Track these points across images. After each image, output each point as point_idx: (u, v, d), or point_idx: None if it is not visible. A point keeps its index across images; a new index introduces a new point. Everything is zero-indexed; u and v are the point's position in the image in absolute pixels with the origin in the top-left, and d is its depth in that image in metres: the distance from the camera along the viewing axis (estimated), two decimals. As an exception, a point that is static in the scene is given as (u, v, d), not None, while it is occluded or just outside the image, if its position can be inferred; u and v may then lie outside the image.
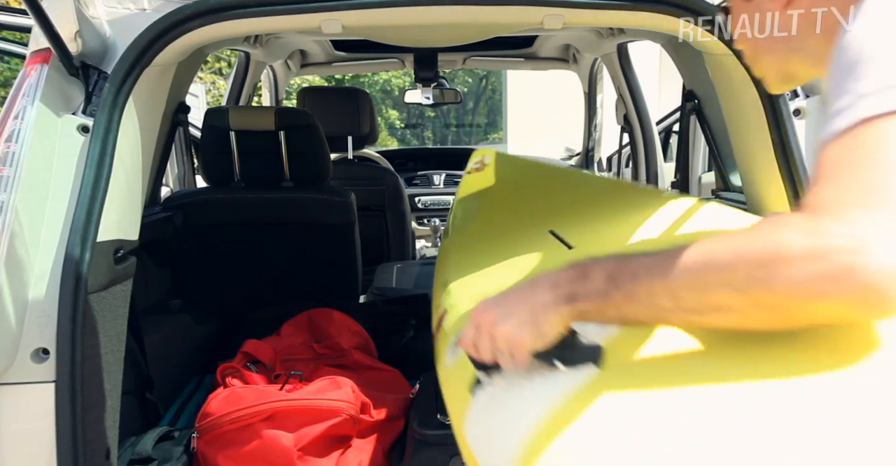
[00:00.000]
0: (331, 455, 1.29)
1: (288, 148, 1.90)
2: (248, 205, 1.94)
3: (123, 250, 1.18)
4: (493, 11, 1.26)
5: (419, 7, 1.22)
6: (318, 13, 1.18)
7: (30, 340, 1.03)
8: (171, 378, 1.68)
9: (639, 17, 1.23)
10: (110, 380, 1.12)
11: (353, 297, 2.10)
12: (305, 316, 1.72)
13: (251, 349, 1.50)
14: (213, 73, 9.33)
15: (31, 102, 1.09)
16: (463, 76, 16.12)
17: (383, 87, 15.80)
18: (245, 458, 1.24)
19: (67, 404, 1.03)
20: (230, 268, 2.01)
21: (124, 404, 1.18)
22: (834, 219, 0.51)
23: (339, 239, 2.00)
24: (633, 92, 2.32)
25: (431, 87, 3.15)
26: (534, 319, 0.65)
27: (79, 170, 1.09)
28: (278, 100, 3.13)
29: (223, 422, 1.25)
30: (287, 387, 1.33)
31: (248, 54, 2.64)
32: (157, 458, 1.28)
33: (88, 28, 1.11)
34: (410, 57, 2.98)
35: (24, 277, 1.03)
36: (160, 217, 1.81)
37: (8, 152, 1.05)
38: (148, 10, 1.16)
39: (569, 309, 0.64)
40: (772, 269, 0.51)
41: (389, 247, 2.86)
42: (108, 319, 1.12)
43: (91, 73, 1.15)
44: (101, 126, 1.11)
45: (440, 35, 1.81)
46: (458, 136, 16.61)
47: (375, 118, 2.80)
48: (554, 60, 3.12)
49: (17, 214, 1.02)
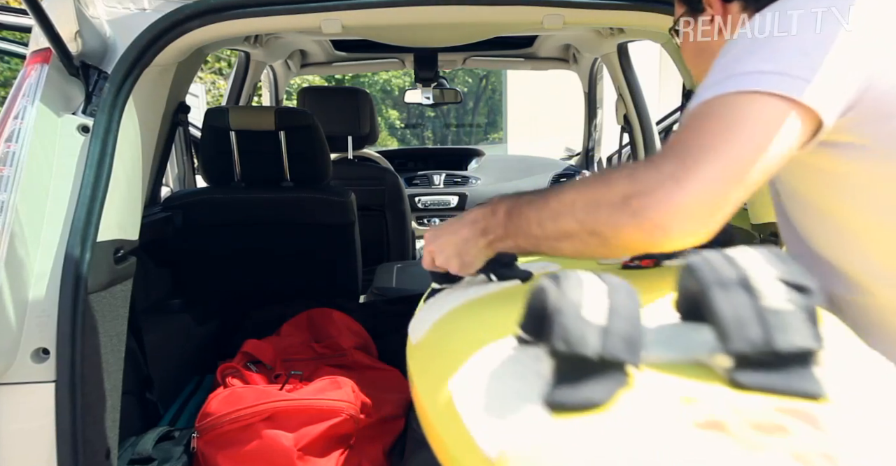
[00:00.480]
0: (331, 455, 1.29)
1: (288, 148, 1.90)
2: (248, 205, 1.94)
3: (123, 250, 1.18)
4: (493, 11, 1.26)
5: (419, 7, 1.22)
6: (318, 13, 1.18)
7: (30, 340, 1.03)
8: (171, 378, 1.68)
9: (639, 16, 1.23)
10: (110, 380, 1.12)
11: (353, 297, 2.10)
12: (305, 316, 1.72)
13: (251, 349, 1.50)
14: (213, 73, 9.33)
15: (31, 102, 1.09)
16: (463, 76, 16.11)
17: (383, 87, 15.80)
18: (245, 458, 1.24)
19: (67, 404, 1.03)
20: (230, 268, 2.01)
21: (124, 404, 1.18)
22: (650, 168, 0.66)
23: (339, 239, 2.00)
24: (633, 92, 2.32)
25: (431, 87, 3.14)
26: (458, 252, 0.82)
27: (79, 170, 1.09)
28: (278, 100, 3.13)
29: (223, 422, 1.25)
30: (287, 387, 1.33)
31: (248, 54, 2.64)
32: (157, 458, 1.28)
33: (88, 28, 1.11)
34: (410, 57, 2.98)
35: (24, 277, 1.03)
36: (160, 217, 1.81)
37: (8, 152, 1.05)
38: (148, 10, 1.16)
39: (484, 241, 0.80)
40: (598, 204, 0.67)
41: (389, 247, 2.86)
42: (108, 319, 1.12)
43: (91, 72, 1.15)
44: (101, 126, 1.11)
45: (440, 35, 1.81)
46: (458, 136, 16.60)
47: (375, 118, 2.80)
48: (554, 60, 3.12)
49: (17, 214, 1.02)
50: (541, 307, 0.50)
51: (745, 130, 0.66)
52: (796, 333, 0.45)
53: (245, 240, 1.96)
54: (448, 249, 0.83)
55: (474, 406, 0.53)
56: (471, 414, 0.52)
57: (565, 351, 0.46)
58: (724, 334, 0.46)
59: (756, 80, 0.69)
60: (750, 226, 1.52)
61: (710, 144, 0.65)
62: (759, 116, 0.67)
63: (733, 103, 0.69)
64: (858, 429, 0.43)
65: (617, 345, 0.46)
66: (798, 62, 0.69)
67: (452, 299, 0.84)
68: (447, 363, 0.63)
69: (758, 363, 0.45)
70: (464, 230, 0.81)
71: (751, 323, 0.45)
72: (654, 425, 0.43)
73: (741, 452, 0.39)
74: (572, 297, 0.48)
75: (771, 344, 0.44)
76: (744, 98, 0.68)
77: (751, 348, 0.45)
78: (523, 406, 0.48)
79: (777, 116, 0.67)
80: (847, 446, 0.41)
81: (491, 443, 0.48)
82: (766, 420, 0.42)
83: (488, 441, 0.48)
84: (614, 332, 0.46)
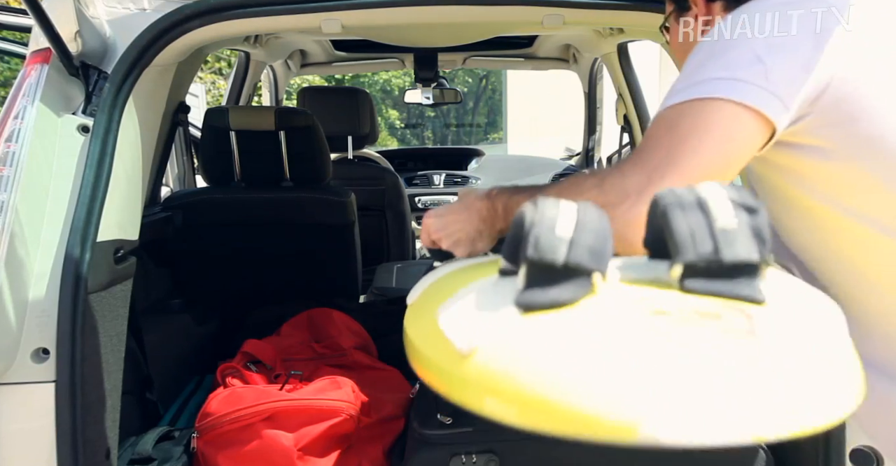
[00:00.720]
0: (331, 455, 1.29)
1: (288, 148, 1.90)
2: (248, 205, 1.94)
3: (123, 250, 1.18)
4: (493, 11, 1.26)
5: (419, 7, 1.22)
6: (318, 13, 1.18)
7: (30, 340, 1.03)
8: (171, 378, 1.68)
9: (638, 16, 1.23)
10: (110, 380, 1.12)
11: (353, 297, 2.10)
12: (305, 316, 1.72)
13: (251, 349, 1.50)
14: (213, 73, 9.34)
15: (31, 102, 1.09)
16: (463, 76, 16.12)
17: (383, 87, 15.81)
18: (245, 458, 1.24)
19: (67, 404, 1.03)
20: (230, 268, 2.01)
21: (124, 404, 1.18)
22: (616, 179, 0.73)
23: (339, 239, 2.00)
24: (633, 92, 2.32)
25: (431, 87, 3.14)
26: (470, 240, 0.89)
27: (79, 170, 1.09)
28: (278, 100, 3.13)
29: (223, 422, 1.25)
30: (287, 387, 1.33)
31: (248, 54, 2.64)
32: (157, 458, 1.28)
33: (88, 28, 1.11)
34: (410, 57, 2.98)
35: (24, 277, 1.03)
36: (160, 217, 1.81)
37: (8, 152, 1.05)
38: (148, 10, 1.16)
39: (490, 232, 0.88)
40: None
41: (389, 247, 2.86)
42: (108, 319, 1.12)
43: (91, 72, 1.15)
44: (101, 126, 1.11)
45: (440, 35, 1.81)
46: (458, 136, 16.60)
47: (375, 118, 2.80)
48: (554, 60, 3.12)
49: (17, 214, 1.02)
50: (519, 229, 0.55)
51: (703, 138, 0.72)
52: (741, 246, 0.50)
53: (245, 240, 1.96)
54: (456, 235, 0.89)
55: (451, 315, 0.58)
56: (446, 320, 0.58)
57: (535, 258, 0.50)
58: (679, 248, 0.51)
59: (713, 87, 0.73)
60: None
61: (670, 156, 0.71)
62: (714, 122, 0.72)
63: (691, 111, 0.73)
64: (782, 320, 0.49)
65: (582, 255, 0.51)
66: (751, 68, 0.73)
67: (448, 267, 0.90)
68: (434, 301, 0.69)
69: (706, 272, 0.50)
70: (474, 221, 0.88)
71: (703, 238, 0.50)
72: (611, 316, 0.49)
73: (675, 328, 0.47)
74: (548, 214, 0.53)
75: (718, 254, 0.50)
76: (700, 105, 0.73)
77: (700, 259, 0.50)
78: (496, 310, 0.53)
79: (731, 121, 0.72)
80: (768, 327, 0.47)
81: (462, 339, 0.52)
82: (705, 309, 0.49)
83: (459, 336, 0.53)
84: (580, 243, 0.51)
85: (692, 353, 0.45)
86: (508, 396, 0.47)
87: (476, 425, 1.14)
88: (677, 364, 0.44)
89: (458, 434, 1.14)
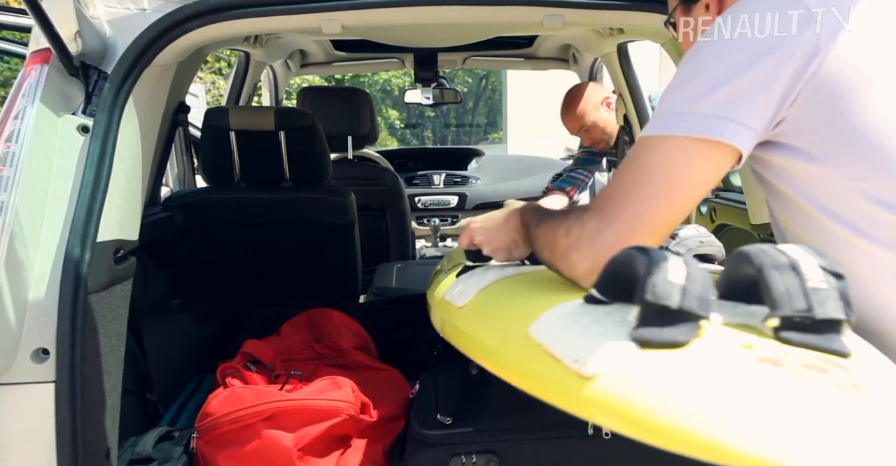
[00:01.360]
0: (331, 455, 1.29)
1: (288, 148, 1.90)
2: (248, 205, 1.94)
3: (123, 250, 1.18)
4: (493, 11, 1.27)
5: (419, 7, 1.22)
6: (318, 13, 1.18)
7: (30, 340, 1.03)
8: (171, 378, 1.68)
9: (638, 17, 1.23)
10: (110, 380, 1.12)
11: (353, 297, 2.10)
12: (305, 316, 1.71)
13: (251, 349, 1.50)
14: (213, 73, 9.34)
15: (31, 102, 1.09)
16: (463, 76, 16.12)
17: (383, 87, 15.81)
18: (245, 458, 1.24)
19: (67, 404, 1.03)
20: (230, 268, 2.01)
21: (124, 404, 1.18)
22: (577, 223, 0.79)
23: (339, 239, 2.00)
24: (633, 92, 2.32)
25: (431, 87, 3.14)
26: (507, 248, 0.98)
27: (79, 170, 1.09)
28: (278, 100, 3.13)
29: (223, 422, 1.25)
30: (287, 387, 1.33)
31: (248, 54, 2.64)
32: (157, 458, 1.28)
33: (88, 28, 1.11)
34: (410, 57, 2.97)
35: (24, 277, 1.03)
36: (160, 217, 1.81)
37: (8, 152, 1.05)
38: (148, 10, 1.16)
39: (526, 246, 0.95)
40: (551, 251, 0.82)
41: (389, 247, 2.86)
42: (108, 319, 1.12)
43: (91, 73, 1.15)
44: (101, 126, 1.11)
45: (440, 35, 1.81)
46: (458, 136, 16.60)
47: (375, 118, 2.80)
48: (554, 60, 3.12)
49: (17, 214, 1.02)
50: (624, 271, 0.63)
51: (654, 178, 0.76)
52: (830, 306, 0.58)
53: (245, 240, 1.96)
54: (496, 243, 0.98)
55: (557, 339, 0.66)
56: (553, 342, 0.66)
57: (653, 302, 0.58)
58: (776, 303, 0.58)
59: (672, 124, 0.76)
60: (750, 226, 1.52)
61: (621, 198, 0.77)
62: (668, 161, 0.75)
63: (648, 148, 0.77)
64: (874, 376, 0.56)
65: (693, 302, 0.58)
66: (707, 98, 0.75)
67: (491, 274, 1.00)
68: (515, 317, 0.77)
69: (800, 326, 0.58)
70: (511, 233, 0.96)
71: (797, 296, 0.58)
72: (726, 359, 0.56)
73: (796, 379, 0.53)
74: (661, 264, 0.60)
75: (812, 312, 0.57)
76: (659, 143, 0.77)
77: (795, 313, 0.58)
78: (612, 340, 0.61)
79: (685, 157, 0.75)
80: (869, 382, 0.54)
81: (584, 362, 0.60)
82: (811, 362, 0.55)
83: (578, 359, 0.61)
84: (691, 291, 0.58)
85: (820, 405, 0.51)
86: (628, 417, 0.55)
87: (476, 425, 1.14)
88: (810, 413, 0.50)
89: (458, 435, 1.14)
